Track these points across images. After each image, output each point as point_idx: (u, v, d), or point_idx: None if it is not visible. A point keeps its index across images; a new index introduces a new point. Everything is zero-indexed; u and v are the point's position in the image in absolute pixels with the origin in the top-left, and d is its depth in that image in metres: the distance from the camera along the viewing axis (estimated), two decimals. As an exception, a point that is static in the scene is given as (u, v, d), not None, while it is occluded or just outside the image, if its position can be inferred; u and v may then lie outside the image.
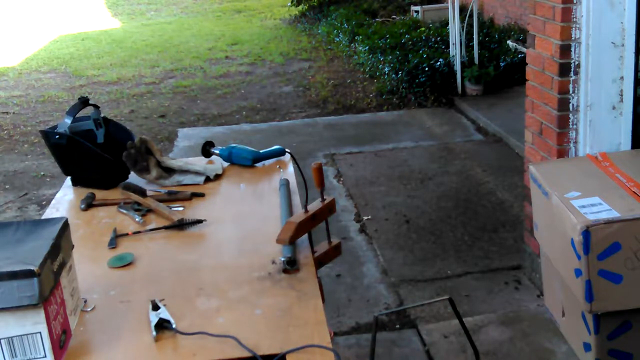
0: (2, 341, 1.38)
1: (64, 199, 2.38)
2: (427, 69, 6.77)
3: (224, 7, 15.05)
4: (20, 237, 1.49)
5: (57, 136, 2.36)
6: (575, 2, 2.87)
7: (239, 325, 1.54)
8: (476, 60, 6.80)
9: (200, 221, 2.06)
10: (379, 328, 3.15)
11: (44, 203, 4.88)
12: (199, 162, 2.52)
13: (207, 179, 2.42)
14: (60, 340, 1.45)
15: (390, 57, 7.46)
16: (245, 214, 2.16)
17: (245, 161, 2.54)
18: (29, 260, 1.38)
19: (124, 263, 1.88)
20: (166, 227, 2.05)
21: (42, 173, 5.57)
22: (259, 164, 2.56)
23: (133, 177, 2.42)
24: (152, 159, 2.41)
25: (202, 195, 2.30)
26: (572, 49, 2.92)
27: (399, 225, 4.23)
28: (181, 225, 2.05)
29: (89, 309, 1.64)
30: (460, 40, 6.83)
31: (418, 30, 8.64)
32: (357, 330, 3.19)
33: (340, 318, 3.29)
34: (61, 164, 2.47)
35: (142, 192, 2.26)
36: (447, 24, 7.44)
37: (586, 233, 2.35)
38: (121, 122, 2.77)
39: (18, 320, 1.37)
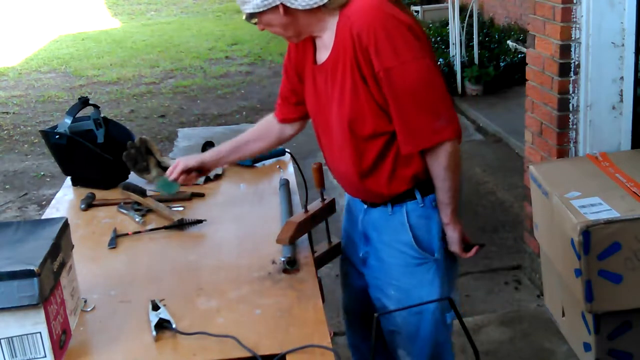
0: (2, 341, 1.38)
1: (64, 199, 2.38)
2: (427, 69, 6.76)
3: (224, 7, 15.05)
4: (20, 237, 1.49)
5: (57, 136, 2.36)
6: (575, 2, 2.87)
7: (239, 325, 1.54)
8: (476, 60, 6.79)
9: (200, 221, 2.06)
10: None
11: (44, 203, 4.88)
12: None
13: (207, 179, 2.42)
14: (60, 340, 1.45)
15: (390, 57, 7.45)
16: (245, 214, 2.16)
17: (245, 161, 2.54)
18: (29, 260, 1.38)
19: (172, 190, 2.11)
20: (166, 227, 2.05)
21: (42, 173, 5.57)
22: (259, 164, 2.56)
23: (133, 177, 2.42)
24: (152, 159, 2.41)
25: (202, 195, 2.30)
26: (572, 49, 2.92)
27: (399, 225, 4.22)
28: (181, 225, 2.05)
29: (89, 309, 1.64)
30: (460, 40, 6.83)
31: (418, 30, 8.63)
32: (357, 330, 3.19)
33: (341, 318, 3.28)
34: (61, 164, 2.47)
35: (142, 192, 2.26)
36: (447, 24, 7.44)
37: (586, 233, 2.35)
38: (121, 122, 2.77)
39: (18, 320, 1.37)
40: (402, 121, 1.76)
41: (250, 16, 1.82)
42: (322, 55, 1.87)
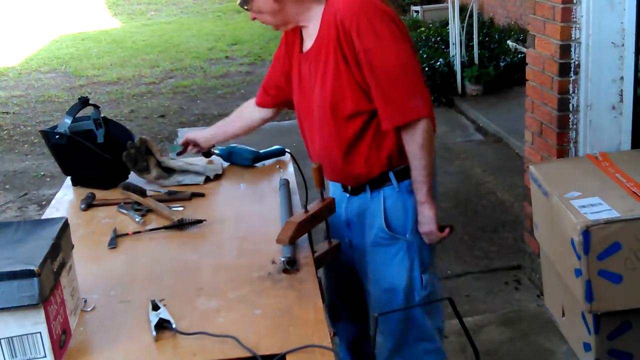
0: (2, 341, 1.38)
1: (64, 199, 2.38)
2: (427, 69, 6.77)
3: (224, 7, 15.05)
4: (20, 237, 1.49)
5: (57, 136, 2.36)
6: (575, 2, 2.87)
7: (239, 325, 1.54)
8: (476, 60, 6.79)
9: (200, 221, 2.06)
10: (379, 328, 3.14)
11: (44, 203, 4.88)
12: (199, 162, 2.52)
13: (207, 179, 2.42)
14: (60, 340, 1.45)
15: (390, 57, 7.43)
16: (245, 214, 2.16)
17: (245, 161, 2.54)
18: (29, 260, 1.38)
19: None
20: (166, 227, 2.05)
21: (42, 173, 5.57)
22: (259, 164, 2.56)
23: (133, 177, 2.42)
24: (152, 159, 2.41)
25: (202, 195, 2.30)
26: (572, 49, 2.92)
27: (399, 225, 4.22)
28: (181, 225, 2.05)
29: (89, 309, 1.64)
30: (460, 40, 6.83)
31: (418, 30, 8.64)
32: (357, 330, 3.19)
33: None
34: (61, 164, 2.47)
35: (142, 192, 2.26)
36: (447, 24, 7.44)
37: (586, 233, 2.35)
38: (121, 122, 2.77)
39: (18, 320, 1.37)
40: (382, 99, 1.90)
41: (244, 1, 1.96)
42: (308, 44, 2.02)
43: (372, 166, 2.00)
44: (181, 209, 2.20)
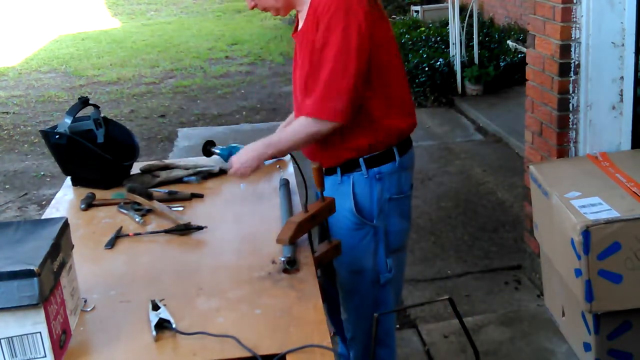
0: (2, 341, 1.38)
1: (64, 199, 2.38)
2: (427, 68, 6.77)
3: (224, 7, 15.05)
4: (20, 237, 1.49)
5: (57, 136, 2.36)
6: (575, 2, 2.87)
7: (239, 325, 1.54)
8: (476, 60, 6.79)
9: (200, 227, 2.04)
10: (379, 328, 3.14)
11: (44, 203, 4.88)
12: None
13: (221, 171, 2.47)
14: (60, 340, 1.45)
15: (390, 57, 7.44)
16: (245, 214, 2.16)
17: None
18: (29, 260, 1.38)
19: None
20: (166, 231, 2.04)
21: (42, 173, 5.57)
22: (259, 164, 2.56)
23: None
24: (159, 176, 2.42)
25: (201, 196, 2.30)
26: (572, 49, 2.92)
27: (399, 225, 4.22)
28: (180, 230, 2.03)
29: (89, 309, 1.64)
30: (460, 40, 6.83)
31: (418, 30, 8.63)
32: (357, 330, 3.18)
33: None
34: (61, 164, 2.47)
35: (148, 195, 2.25)
36: (447, 24, 7.44)
37: (586, 233, 2.35)
38: (121, 122, 2.77)
39: (18, 320, 1.37)
40: (310, 88, 2.02)
41: None
42: (300, 25, 2.12)
43: (342, 150, 2.08)
44: (181, 209, 2.20)
